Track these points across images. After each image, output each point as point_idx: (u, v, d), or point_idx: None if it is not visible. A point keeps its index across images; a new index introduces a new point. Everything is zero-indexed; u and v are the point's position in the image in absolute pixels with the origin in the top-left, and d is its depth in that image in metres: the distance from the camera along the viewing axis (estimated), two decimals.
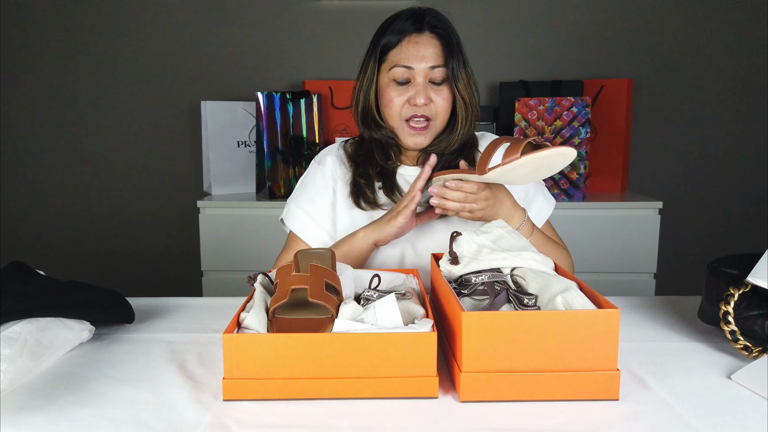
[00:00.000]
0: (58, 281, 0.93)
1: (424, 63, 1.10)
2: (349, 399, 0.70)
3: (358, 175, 1.19)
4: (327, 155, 1.26)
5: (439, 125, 1.15)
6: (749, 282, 0.80)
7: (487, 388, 0.69)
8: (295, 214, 1.22)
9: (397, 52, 1.12)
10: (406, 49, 1.11)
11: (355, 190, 1.19)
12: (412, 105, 1.12)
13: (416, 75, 1.11)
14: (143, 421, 0.65)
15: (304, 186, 1.25)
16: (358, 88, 1.19)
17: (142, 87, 2.33)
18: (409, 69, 1.11)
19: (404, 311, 0.79)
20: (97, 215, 2.42)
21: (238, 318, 0.76)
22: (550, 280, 0.77)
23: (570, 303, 0.72)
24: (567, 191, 2.00)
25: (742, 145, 2.31)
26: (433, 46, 1.11)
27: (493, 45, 2.30)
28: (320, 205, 1.21)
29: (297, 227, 1.21)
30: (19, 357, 0.75)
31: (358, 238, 1.11)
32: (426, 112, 1.12)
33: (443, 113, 1.14)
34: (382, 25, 1.16)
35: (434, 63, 1.11)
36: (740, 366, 0.78)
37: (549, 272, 0.82)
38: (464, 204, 1.03)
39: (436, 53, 1.11)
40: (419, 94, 1.10)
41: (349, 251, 1.12)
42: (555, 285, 0.76)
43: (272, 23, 2.30)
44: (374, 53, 1.15)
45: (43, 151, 2.38)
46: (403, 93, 1.12)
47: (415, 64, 1.10)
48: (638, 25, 2.27)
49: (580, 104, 1.93)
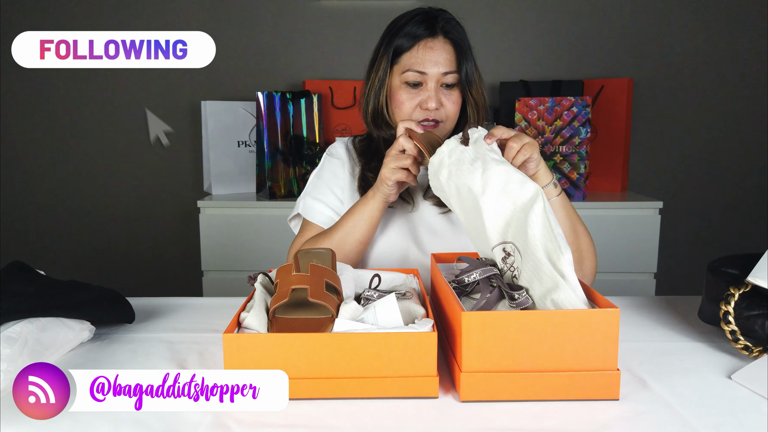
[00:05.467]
0: (58, 281, 0.93)
1: (438, 68, 1.10)
2: (349, 399, 0.70)
3: (367, 170, 1.20)
4: (338, 148, 1.26)
5: (449, 127, 1.16)
6: (749, 282, 0.80)
7: (487, 388, 0.69)
8: (314, 205, 1.21)
9: (410, 56, 1.12)
10: (421, 54, 1.11)
11: (363, 184, 1.19)
12: (423, 109, 1.12)
13: (428, 80, 1.11)
14: (143, 421, 0.65)
15: (320, 178, 1.24)
16: (369, 88, 1.18)
17: (143, 87, 2.33)
18: (422, 74, 1.11)
19: (404, 311, 0.79)
20: (97, 215, 2.42)
21: (239, 318, 0.76)
22: (540, 270, 0.74)
23: (558, 304, 0.71)
24: (567, 191, 2.00)
25: (742, 145, 2.30)
26: (447, 51, 1.11)
27: (493, 45, 2.30)
28: (338, 196, 1.21)
29: (318, 219, 1.19)
30: (19, 357, 0.75)
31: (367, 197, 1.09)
32: (436, 116, 1.12)
33: (453, 116, 1.14)
34: (394, 26, 1.15)
35: (447, 69, 1.11)
36: (740, 366, 0.78)
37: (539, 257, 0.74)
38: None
39: (449, 59, 1.11)
40: (431, 98, 1.11)
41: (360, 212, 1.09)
42: (545, 279, 0.73)
43: (272, 23, 2.30)
44: (387, 54, 1.15)
45: (43, 151, 2.38)
46: (414, 96, 1.12)
47: (429, 69, 1.10)
48: (638, 25, 2.27)
49: (580, 104, 1.93)
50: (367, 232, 1.09)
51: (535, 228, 0.75)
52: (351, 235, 1.09)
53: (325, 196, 1.21)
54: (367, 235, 1.10)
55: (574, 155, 1.97)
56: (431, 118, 1.12)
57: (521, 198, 0.78)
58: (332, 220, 1.19)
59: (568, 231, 1.06)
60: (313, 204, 1.21)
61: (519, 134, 0.97)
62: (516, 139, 0.96)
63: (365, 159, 1.22)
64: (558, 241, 0.73)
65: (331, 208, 1.20)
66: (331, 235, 1.11)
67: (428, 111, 1.12)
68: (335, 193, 1.22)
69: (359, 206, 1.10)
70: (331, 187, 1.22)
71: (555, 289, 0.72)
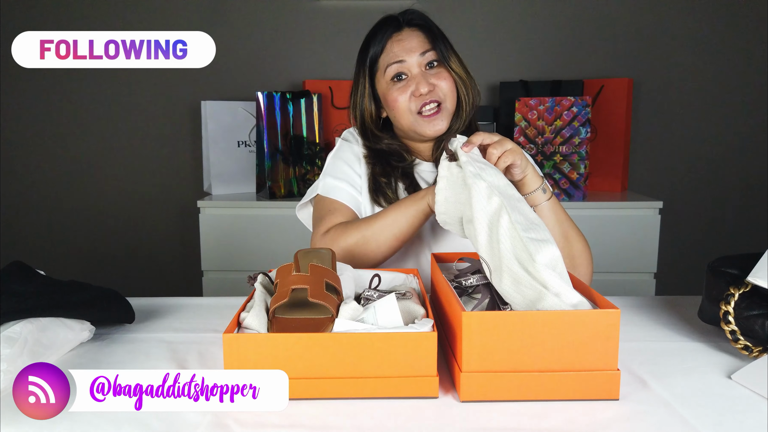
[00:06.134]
0: (58, 281, 0.93)
1: (413, 53, 1.13)
2: (349, 399, 0.70)
3: (378, 174, 1.18)
4: (353, 134, 1.25)
5: (450, 106, 1.15)
6: (749, 282, 0.80)
7: (487, 388, 0.69)
8: (335, 183, 1.16)
9: (385, 55, 1.15)
10: (394, 48, 1.14)
11: (374, 187, 1.17)
12: (417, 96, 1.12)
13: (410, 67, 1.13)
14: (143, 421, 0.65)
15: (339, 158, 1.21)
16: (353, 107, 1.21)
17: (143, 87, 2.33)
18: (401, 62, 1.13)
19: (404, 311, 0.79)
20: (97, 215, 2.42)
21: (238, 318, 0.76)
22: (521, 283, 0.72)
23: None
24: (567, 191, 2.00)
25: (742, 145, 2.30)
26: (416, 36, 1.14)
27: (493, 45, 2.30)
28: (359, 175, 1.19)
29: (342, 197, 1.15)
30: (19, 357, 0.75)
31: (419, 196, 1.04)
32: (433, 97, 1.12)
33: (450, 93, 1.14)
34: (363, 44, 1.19)
35: (422, 49, 1.13)
36: (740, 366, 0.78)
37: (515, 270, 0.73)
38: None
39: (420, 42, 1.14)
40: (420, 83, 1.11)
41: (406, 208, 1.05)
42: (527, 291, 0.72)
43: (272, 23, 2.30)
44: (362, 68, 1.18)
45: (43, 150, 2.38)
46: (404, 89, 1.13)
47: (405, 56, 1.12)
48: (638, 25, 2.27)
49: (580, 104, 1.93)
50: (407, 230, 1.05)
51: (505, 241, 0.74)
52: (390, 228, 1.04)
53: (345, 175, 1.18)
54: (406, 234, 1.05)
55: (574, 155, 1.97)
56: (429, 101, 1.12)
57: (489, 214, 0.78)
58: (356, 199, 1.16)
59: (559, 237, 1.04)
60: (334, 182, 1.17)
61: (501, 140, 0.95)
62: (497, 146, 0.95)
63: (372, 163, 1.20)
64: (528, 248, 0.71)
65: (352, 185, 1.17)
66: (369, 223, 1.05)
67: (422, 96, 1.12)
68: (356, 171, 1.19)
69: (407, 202, 1.05)
70: (352, 166, 1.19)
71: (539, 300, 0.71)
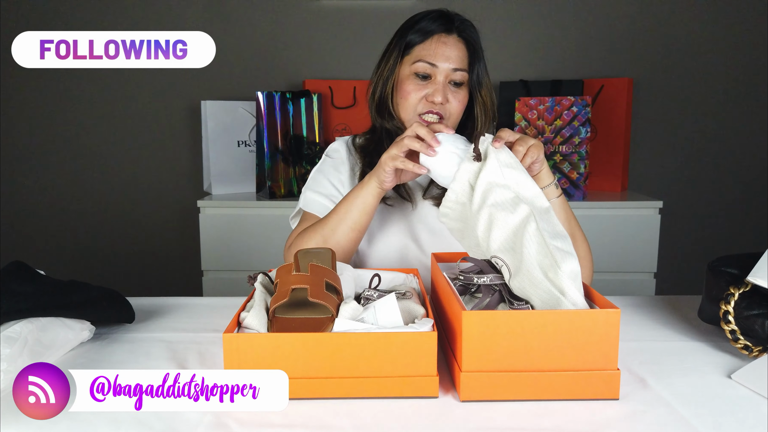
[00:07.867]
0: (58, 281, 0.93)
1: (449, 63, 1.11)
2: (349, 399, 0.70)
3: (366, 166, 1.19)
4: (338, 147, 1.26)
5: (451, 125, 1.15)
6: (749, 281, 0.80)
7: (487, 388, 0.69)
8: (313, 197, 1.20)
9: (423, 47, 1.12)
10: (434, 46, 1.12)
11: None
12: (429, 102, 1.12)
13: (438, 73, 1.11)
14: (144, 421, 0.65)
15: (320, 172, 1.24)
16: (378, 76, 1.18)
17: (143, 87, 2.33)
18: (433, 66, 1.11)
19: (404, 311, 0.79)
20: (97, 215, 2.42)
21: (238, 318, 0.76)
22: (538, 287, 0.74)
23: None
24: (567, 191, 2.00)
25: (742, 145, 2.30)
26: (459, 49, 1.12)
27: (493, 45, 2.29)
28: (339, 189, 1.20)
29: (315, 208, 1.18)
30: (19, 357, 0.75)
31: (362, 183, 1.06)
32: (441, 110, 1.12)
33: (456, 115, 1.14)
34: (408, 22, 1.17)
35: (457, 66, 1.11)
36: (740, 365, 0.78)
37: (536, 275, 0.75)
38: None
39: (460, 56, 1.12)
40: (438, 92, 1.11)
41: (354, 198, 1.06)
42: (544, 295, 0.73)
43: (272, 23, 2.30)
44: (399, 45, 1.15)
45: (43, 150, 2.38)
46: (421, 89, 1.12)
47: (440, 62, 1.11)
48: (638, 25, 2.26)
49: (580, 104, 1.93)
50: (359, 218, 1.06)
51: (529, 245, 0.75)
52: (344, 221, 1.06)
53: (324, 189, 1.20)
54: (360, 222, 1.06)
55: (574, 155, 1.97)
56: (435, 111, 1.12)
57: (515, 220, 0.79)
58: (329, 209, 1.17)
59: None
60: (313, 196, 1.20)
61: (523, 137, 0.96)
62: (521, 142, 0.95)
63: (366, 157, 1.21)
64: (554, 255, 0.72)
65: (330, 198, 1.19)
66: (324, 222, 1.08)
67: (433, 104, 1.11)
68: (335, 186, 1.21)
69: (353, 192, 1.07)
70: (332, 180, 1.21)
71: (555, 307, 0.72)
